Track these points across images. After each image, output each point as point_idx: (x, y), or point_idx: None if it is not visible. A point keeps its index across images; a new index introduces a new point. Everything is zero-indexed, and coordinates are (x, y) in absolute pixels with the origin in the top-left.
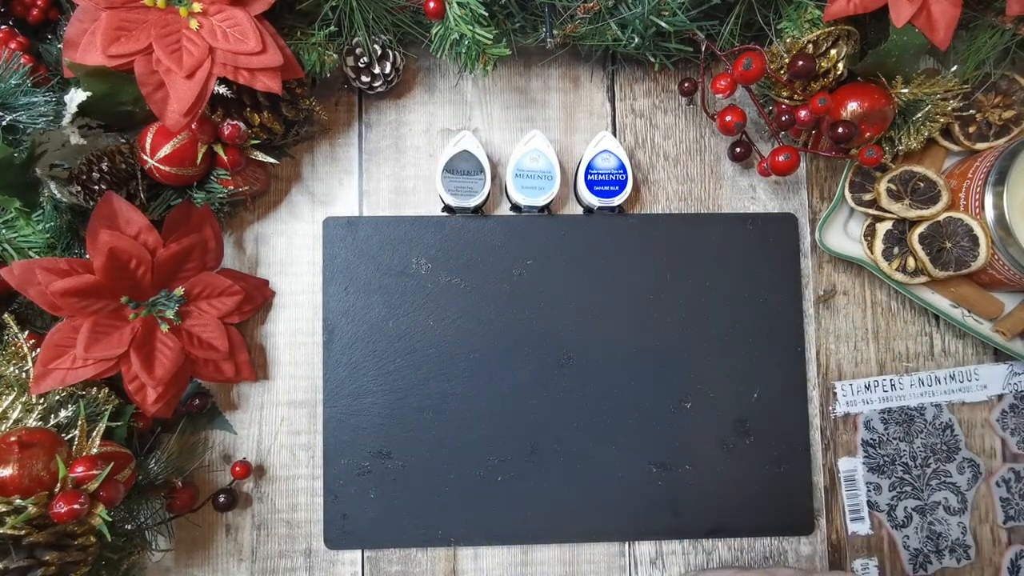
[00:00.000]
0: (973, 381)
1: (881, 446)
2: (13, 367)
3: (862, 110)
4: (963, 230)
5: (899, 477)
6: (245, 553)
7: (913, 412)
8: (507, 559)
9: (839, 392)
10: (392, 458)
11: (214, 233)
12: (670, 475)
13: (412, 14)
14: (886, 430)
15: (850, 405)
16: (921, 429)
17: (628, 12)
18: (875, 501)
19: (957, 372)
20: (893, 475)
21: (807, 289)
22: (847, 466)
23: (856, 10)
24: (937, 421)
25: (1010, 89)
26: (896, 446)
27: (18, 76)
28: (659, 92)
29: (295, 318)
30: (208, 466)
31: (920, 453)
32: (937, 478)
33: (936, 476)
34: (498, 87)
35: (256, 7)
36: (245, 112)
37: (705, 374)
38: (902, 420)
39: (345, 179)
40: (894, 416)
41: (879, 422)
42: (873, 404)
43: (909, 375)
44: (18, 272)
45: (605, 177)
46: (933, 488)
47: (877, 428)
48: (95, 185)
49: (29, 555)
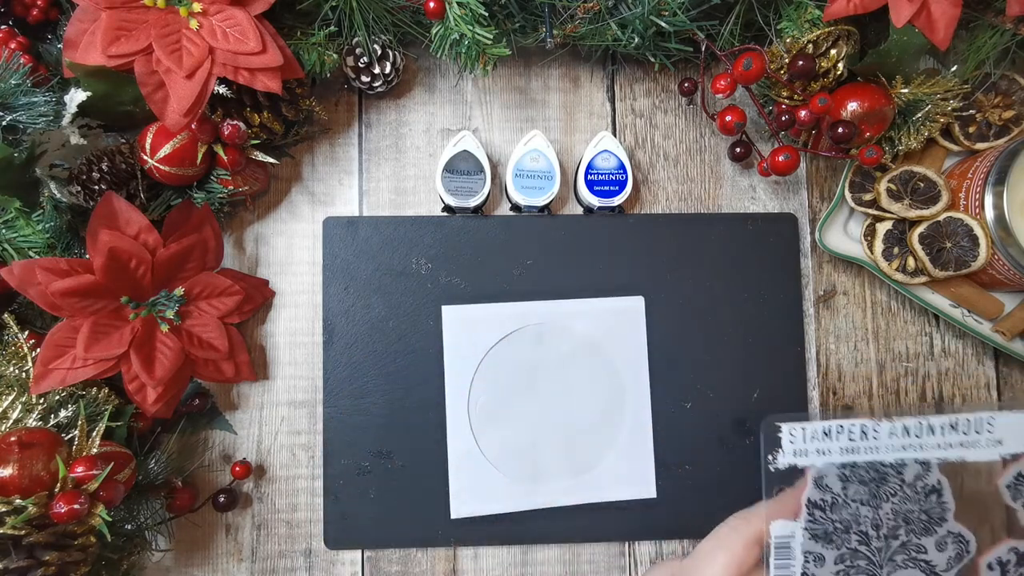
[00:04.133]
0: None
1: (834, 509)
2: (13, 367)
3: (862, 110)
4: (963, 230)
5: (851, 548)
6: (245, 553)
7: (887, 469)
8: (507, 559)
9: (785, 437)
10: (392, 458)
11: (214, 233)
12: (670, 475)
13: (412, 14)
14: (844, 490)
15: (798, 455)
16: (895, 491)
17: (628, 12)
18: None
19: (961, 421)
20: (844, 545)
21: (807, 289)
22: (781, 531)
23: (856, 10)
24: (920, 483)
25: (1010, 89)
26: (855, 510)
27: (18, 76)
28: (659, 92)
29: (295, 318)
30: (208, 466)
31: (888, 521)
32: (905, 553)
33: (905, 551)
34: (498, 87)
35: (256, 7)
36: (245, 112)
37: (705, 374)
38: (869, 479)
39: (345, 179)
40: (859, 473)
41: (836, 479)
42: (832, 456)
43: (891, 420)
44: (18, 272)
45: (605, 177)
46: (897, 565)
47: (832, 487)
48: (95, 185)
49: (29, 555)
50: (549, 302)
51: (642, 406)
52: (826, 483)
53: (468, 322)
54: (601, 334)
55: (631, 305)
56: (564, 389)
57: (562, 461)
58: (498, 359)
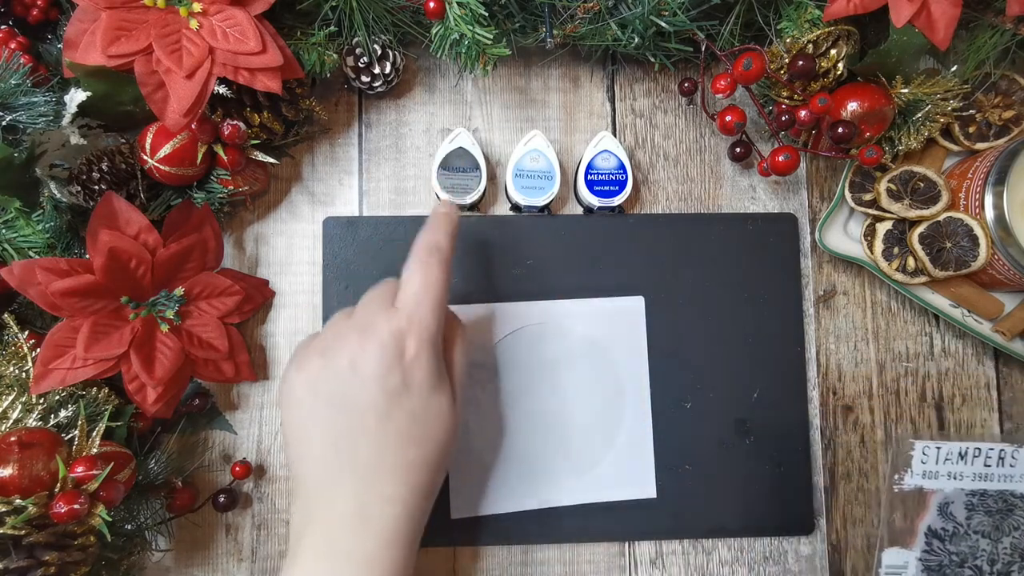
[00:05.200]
0: None
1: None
2: (13, 367)
3: (862, 110)
4: (963, 230)
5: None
6: (245, 553)
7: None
8: (507, 559)
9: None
10: None
11: (214, 233)
12: (670, 475)
13: (412, 14)
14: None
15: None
16: (1018, 525)
17: (628, 12)
18: None
19: None
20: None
21: (807, 289)
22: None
23: (856, 10)
24: None
25: (1010, 89)
26: (974, 543)
27: (18, 76)
28: (659, 92)
29: (295, 318)
30: (208, 466)
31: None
32: None
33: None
34: (498, 87)
35: (256, 7)
36: (245, 112)
37: (705, 374)
38: (996, 509)
39: (345, 179)
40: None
41: (962, 507)
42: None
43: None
44: (18, 272)
45: (605, 177)
46: None
47: (955, 515)
48: (95, 185)
49: (29, 555)
50: (549, 302)
51: (642, 406)
52: (951, 511)
53: (468, 322)
54: (601, 334)
55: (631, 305)
56: (564, 389)
57: (562, 461)
58: (498, 359)
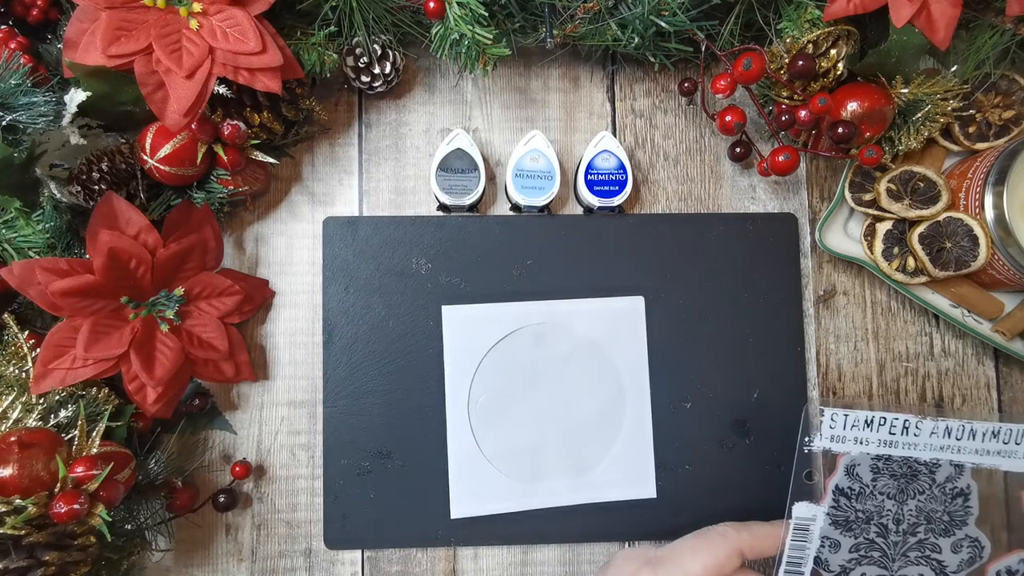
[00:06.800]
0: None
1: (859, 499)
2: (13, 367)
3: (862, 110)
4: (963, 230)
5: (868, 539)
6: (245, 553)
7: (920, 467)
8: (507, 559)
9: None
10: (392, 458)
11: (214, 233)
12: (670, 475)
13: (412, 14)
14: (873, 481)
15: (836, 441)
16: (923, 489)
17: (628, 12)
18: (826, 559)
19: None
20: (862, 535)
21: (807, 289)
22: (803, 512)
23: (856, 10)
24: (949, 485)
25: (1010, 89)
26: (880, 503)
27: (18, 76)
28: (659, 92)
29: (295, 318)
30: (208, 466)
31: (909, 517)
32: (920, 551)
33: (919, 548)
34: (498, 87)
35: (256, 7)
36: (245, 112)
37: (705, 374)
38: (901, 474)
39: (345, 179)
40: (891, 467)
41: (867, 469)
42: (868, 446)
43: (934, 420)
44: (18, 272)
45: (605, 177)
46: (909, 561)
47: (862, 477)
48: (95, 185)
49: (29, 555)
50: (549, 302)
51: (642, 406)
52: (857, 472)
53: (468, 322)
54: (601, 334)
55: (631, 305)
56: (564, 389)
57: (562, 461)
58: (498, 359)
